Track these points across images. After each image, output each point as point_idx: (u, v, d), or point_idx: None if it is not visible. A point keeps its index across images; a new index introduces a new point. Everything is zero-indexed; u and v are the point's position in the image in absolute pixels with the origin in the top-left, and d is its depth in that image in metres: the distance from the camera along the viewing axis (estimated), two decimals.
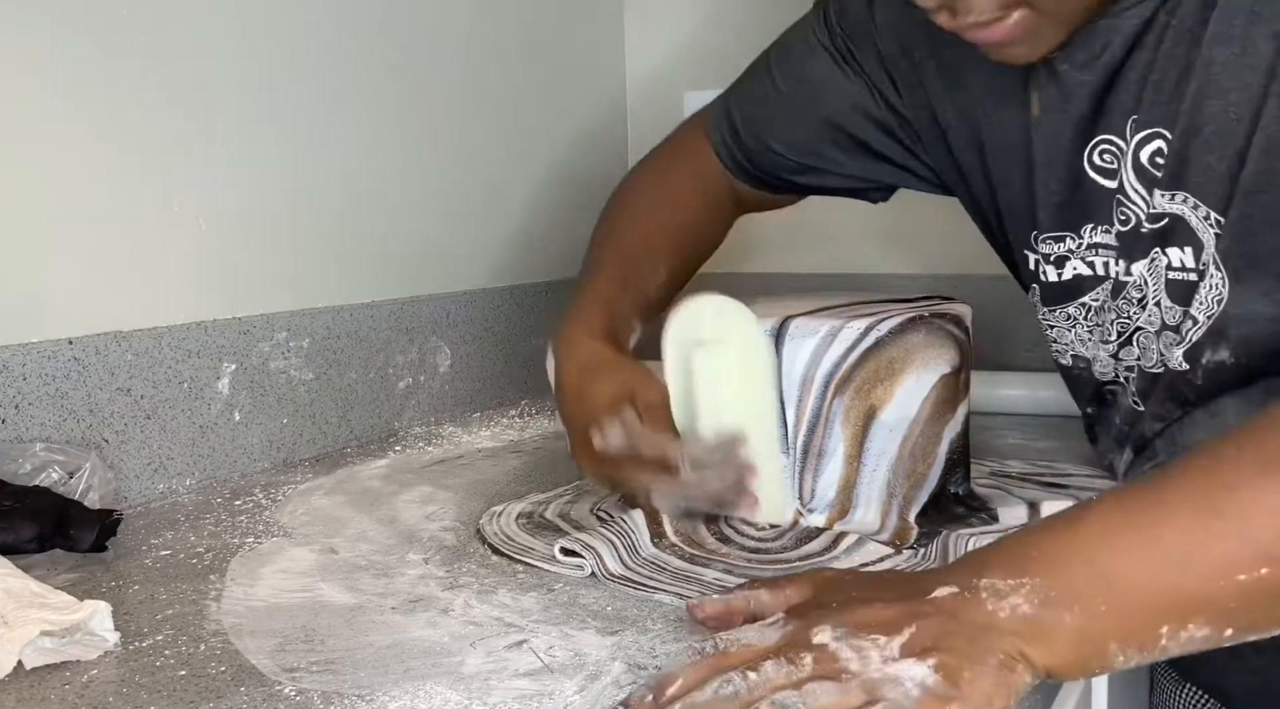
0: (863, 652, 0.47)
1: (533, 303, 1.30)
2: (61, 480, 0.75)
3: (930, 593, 0.49)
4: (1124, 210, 0.67)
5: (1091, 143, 0.67)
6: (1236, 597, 0.47)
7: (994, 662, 0.47)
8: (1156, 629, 0.47)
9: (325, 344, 1.02)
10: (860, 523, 0.72)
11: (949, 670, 0.46)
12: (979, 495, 0.78)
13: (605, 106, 1.47)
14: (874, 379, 0.71)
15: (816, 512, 0.73)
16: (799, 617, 0.51)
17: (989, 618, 0.48)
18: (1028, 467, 0.89)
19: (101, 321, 0.83)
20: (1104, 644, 0.48)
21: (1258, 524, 0.47)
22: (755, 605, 0.56)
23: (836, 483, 0.72)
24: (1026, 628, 0.47)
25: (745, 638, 0.50)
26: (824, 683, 0.46)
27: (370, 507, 0.84)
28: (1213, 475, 0.49)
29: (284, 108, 0.98)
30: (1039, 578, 0.48)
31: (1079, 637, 0.47)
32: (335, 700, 0.51)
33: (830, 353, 0.71)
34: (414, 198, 1.14)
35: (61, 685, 0.54)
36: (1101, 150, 0.67)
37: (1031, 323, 1.29)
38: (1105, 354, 0.73)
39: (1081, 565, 0.48)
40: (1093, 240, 0.70)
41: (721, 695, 0.47)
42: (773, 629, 0.51)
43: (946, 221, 1.34)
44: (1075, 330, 0.74)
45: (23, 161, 0.78)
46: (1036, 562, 0.49)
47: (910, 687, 0.45)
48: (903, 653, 0.47)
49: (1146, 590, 0.47)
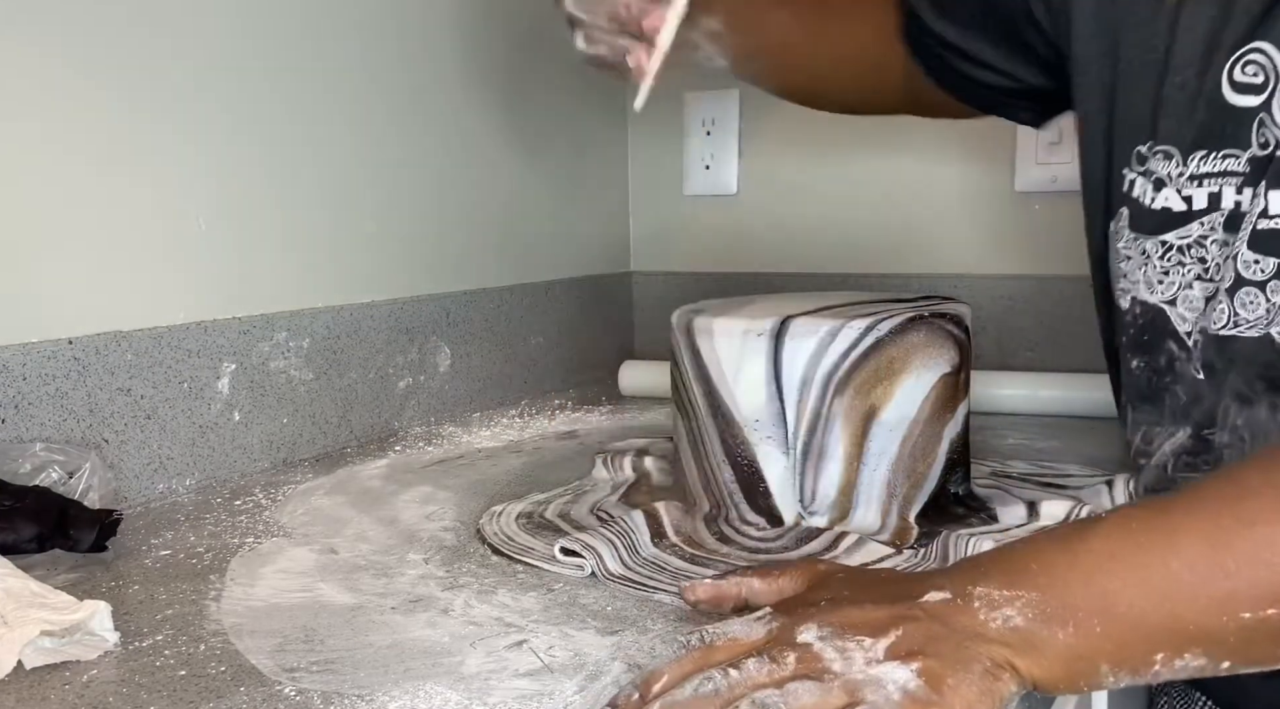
0: (846, 653, 0.47)
1: (533, 303, 1.30)
2: (61, 480, 0.75)
3: (922, 596, 0.49)
4: (1266, 132, 0.60)
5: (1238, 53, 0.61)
6: (1238, 633, 0.46)
7: (979, 669, 0.46)
8: (1151, 655, 0.47)
9: (325, 344, 1.02)
10: (860, 523, 0.72)
11: (932, 675, 0.45)
12: (979, 496, 0.78)
13: (605, 106, 1.47)
14: (874, 379, 0.71)
15: (818, 514, 0.73)
16: (786, 613, 0.51)
17: (979, 627, 0.47)
18: (1029, 467, 0.89)
19: (101, 321, 0.83)
20: (1096, 664, 0.47)
21: (1270, 564, 0.45)
22: (747, 592, 0.56)
23: (837, 484, 0.72)
24: (1017, 640, 0.47)
25: (731, 631, 0.50)
26: (806, 682, 0.46)
27: (370, 507, 0.84)
28: (1231, 505, 0.47)
29: (284, 107, 0.98)
30: (1035, 592, 0.48)
31: (1070, 654, 0.47)
32: (335, 700, 0.51)
33: (830, 352, 0.71)
34: (414, 197, 1.14)
35: (61, 685, 0.54)
36: (1246, 62, 0.61)
37: (1032, 322, 1.30)
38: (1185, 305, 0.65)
39: (1080, 584, 0.48)
40: (1214, 167, 0.63)
41: (702, 693, 0.46)
42: (760, 624, 0.50)
43: (947, 221, 1.34)
44: (1155, 266, 0.67)
45: (23, 161, 0.78)
46: (1035, 575, 0.48)
47: (892, 689, 0.45)
48: (887, 655, 0.46)
49: (1144, 617, 0.47)
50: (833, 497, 0.72)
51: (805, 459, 0.72)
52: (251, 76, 0.95)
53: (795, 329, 0.71)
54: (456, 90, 1.19)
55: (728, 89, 1.43)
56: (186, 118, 0.89)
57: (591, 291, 1.41)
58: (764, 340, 0.72)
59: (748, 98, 1.43)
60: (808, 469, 0.72)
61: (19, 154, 0.78)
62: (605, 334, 1.43)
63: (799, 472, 0.72)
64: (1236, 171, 0.62)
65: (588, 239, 1.43)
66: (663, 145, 1.49)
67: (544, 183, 1.34)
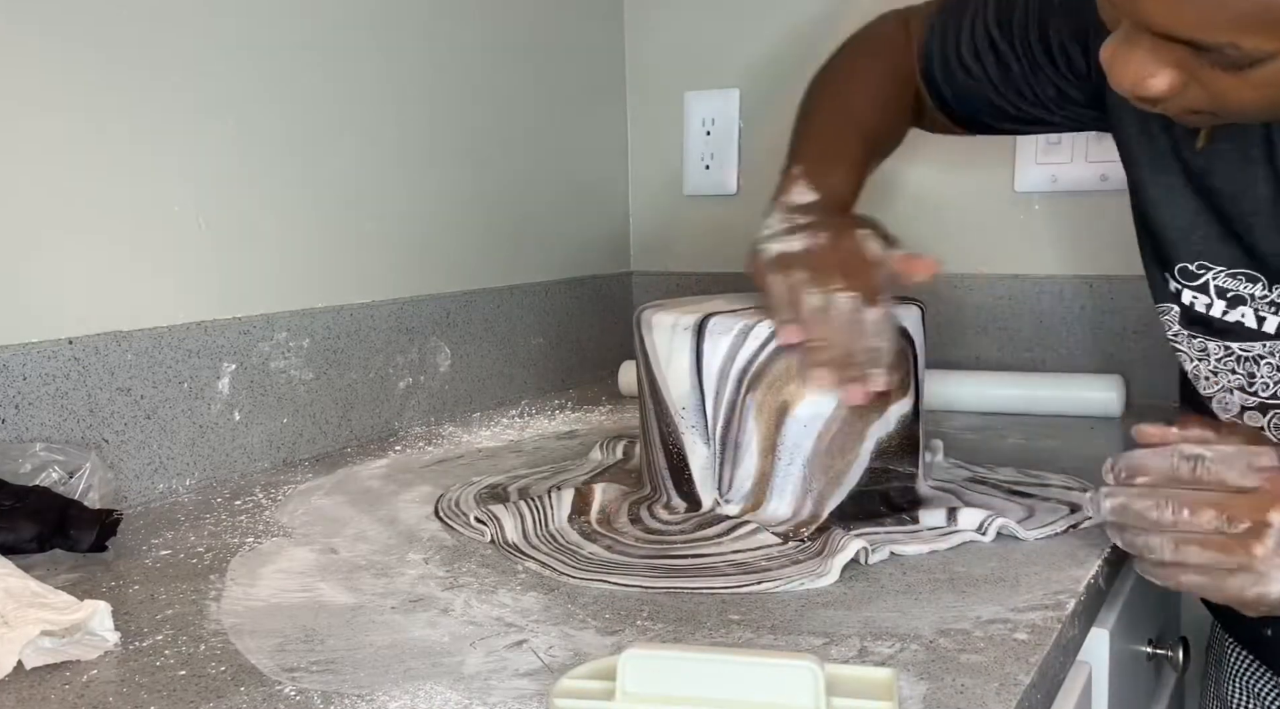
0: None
1: (532, 303, 1.30)
2: (61, 480, 0.75)
3: None
4: None
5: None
6: None
7: None
8: None
9: (325, 344, 1.02)
10: (774, 514, 0.74)
11: None
12: (923, 496, 0.78)
13: (605, 105, 1.47)
14: (786, 376, 0.73)
15: (733, 502, 0.75)
16: None
17: None
18: (1019, 475, 0.87)
19: (101, 321, 0.83)
20: None
21: None
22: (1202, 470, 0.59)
23: (753, 475, 0.74)
24: None
25: (1228, 476, 0.58)
26: (1242, 575, 0.57)
27: (370, 507, 0.84)
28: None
29: (284, 107, 0.98)
30: None
31: None
32: (335, 700, 0.51)
33: (744, 349, 0.73)
34: (414, 198, 1.14)
35: (61, 685, 0.54)
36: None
37: (1031, 322, 1.30)
38: (1220, 405, 0.75)
39: None
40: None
41: (1155, 518, 0.58)
42: (1253, 476, 0.58)
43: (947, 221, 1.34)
44: (1208, 363, 0.76)
45: (23, 162, 0.78)
46: None
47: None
48: None
49: None
50: (748, 487, 0.74)
51: (724, 449, 0.75)
52: (252, 77, 0.95)
53: (714, 325, 0.74)
54: (456, 90, 1.19)
55: (728, 89, 1.43)
56: (187, 118, 0.89)
57: (591, 291, 1.41)
58: (688, 334, 0.75)
59: (748, 98, 1.43)
60: (726, 459, 0.75)
61: (19, 154, 0.78)
62: (605, 334, 1.43)
63: (718, 461, 0.75)
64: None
65: (588, 239, 1.43)
66: (663, 145, 1.49)
67: (544, 183, 1.34)
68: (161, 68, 0.87)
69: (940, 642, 0.56)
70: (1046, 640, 0.56)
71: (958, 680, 0.51)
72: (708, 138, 1.45)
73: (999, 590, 0.63)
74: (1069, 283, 1.26)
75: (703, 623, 0.59)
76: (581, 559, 0.69)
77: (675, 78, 1.47)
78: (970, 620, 0.59)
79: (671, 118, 1.48)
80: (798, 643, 0.56)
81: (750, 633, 0.58)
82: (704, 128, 1.45)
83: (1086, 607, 0.64)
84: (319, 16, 1.01)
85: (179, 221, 0.89)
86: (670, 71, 1.48)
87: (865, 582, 0.65)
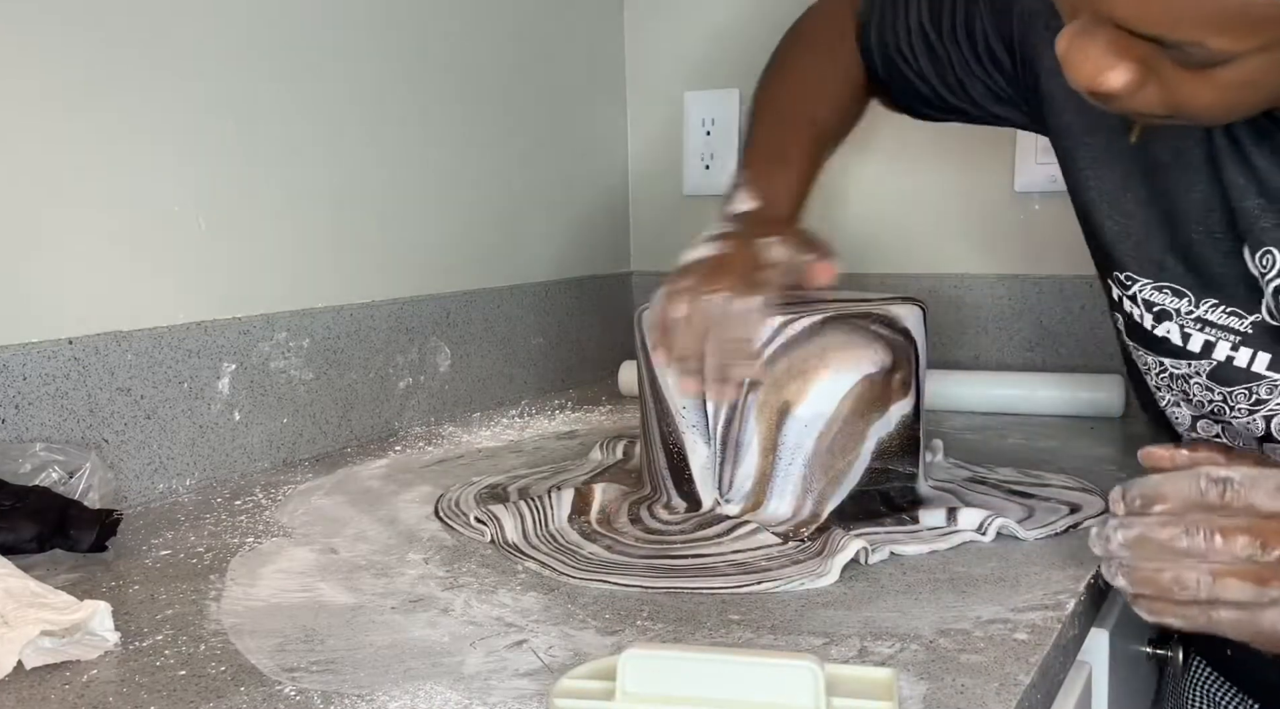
0: None
1: (532, 303, 1.30)
2: (61, 480, 0.75)
3: None
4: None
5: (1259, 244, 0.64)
6: None
7: None
8: None
9: (325, 344, 1.02)
10: (774, 514, 0.74)
11: None
12: (923, 496, 0.78)
13: (604, 105, 1.47)
14: (787, 376, 0.72)
15: (733, 502, 0.75)
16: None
17: None
18: (1019, 475, 0.87)
19: (101, 321, 0.83)
20: None
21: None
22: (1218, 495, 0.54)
23: (754, 475, 0.74)
24: None
25: (1256, 498, 0.53)
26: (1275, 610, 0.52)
27: (370, 507, 0.84)
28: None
29: (285, 108, 0.98)
30: None
31: None
32: (335, 700, 0.51)
33: None
34: (414, 198, 1.14)
35: (61, 685, 0.54)
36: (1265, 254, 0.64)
37: (1031, 322, 1.30)
38: (1175, 421, 0.73)
39: None
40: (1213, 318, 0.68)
41: (1178, 547, 0.53)
42: None
43: (947, 221, 1.34)
44: (1152, 377, 0.73)
45: (23, 161, 0.78)
46: None
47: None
48: None
49: None
50: (748, 487, 0.74)
51: (724, 448, 0.74)
52: (252, 77, 0.95)
53: None
54: (457, 90, 1.19)
55: (728, 89, 1.43)
56: (187, 118, 0.89)
57: (591, 291, 1.41)
58: None
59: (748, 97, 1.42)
60: (726, 458, 0.74)
61: (19, 154, 0.78)
62: (605, 334, 1.43)
63: (719, 460, 0.75)
64: (1240, 330, 0.67)
65: (588, 239, 1.43)
66: (663, 145, 1.49)
67: (544, 183, 1.34)
68: (162, 67, 0.87)
69: (940, 642, 0.56)
70: (1046, 640, 0.56)
71: (958, 680, 0.51)
72: (707, 138, 1.45)
73: (999, 590, 0.63)
74: (1069, 283, 1.26)
75: (703, 623, 0.59)
76: (581, 559, 0.69)
77: (675, 78, 1.47)
78: (970, 620, 0.59)
79: (671, 118, 1.48)
80: (798, 643, 0.56)
81: (750, 633, 0.58)
82: (704, 128, 1.45)
83: (1086, 607, 0.64)
84: (319, 17, 1.01)
85: (179, 221, 0.89)
86: (670, 71, 1.48)
87: (865, 582, 0.65)
